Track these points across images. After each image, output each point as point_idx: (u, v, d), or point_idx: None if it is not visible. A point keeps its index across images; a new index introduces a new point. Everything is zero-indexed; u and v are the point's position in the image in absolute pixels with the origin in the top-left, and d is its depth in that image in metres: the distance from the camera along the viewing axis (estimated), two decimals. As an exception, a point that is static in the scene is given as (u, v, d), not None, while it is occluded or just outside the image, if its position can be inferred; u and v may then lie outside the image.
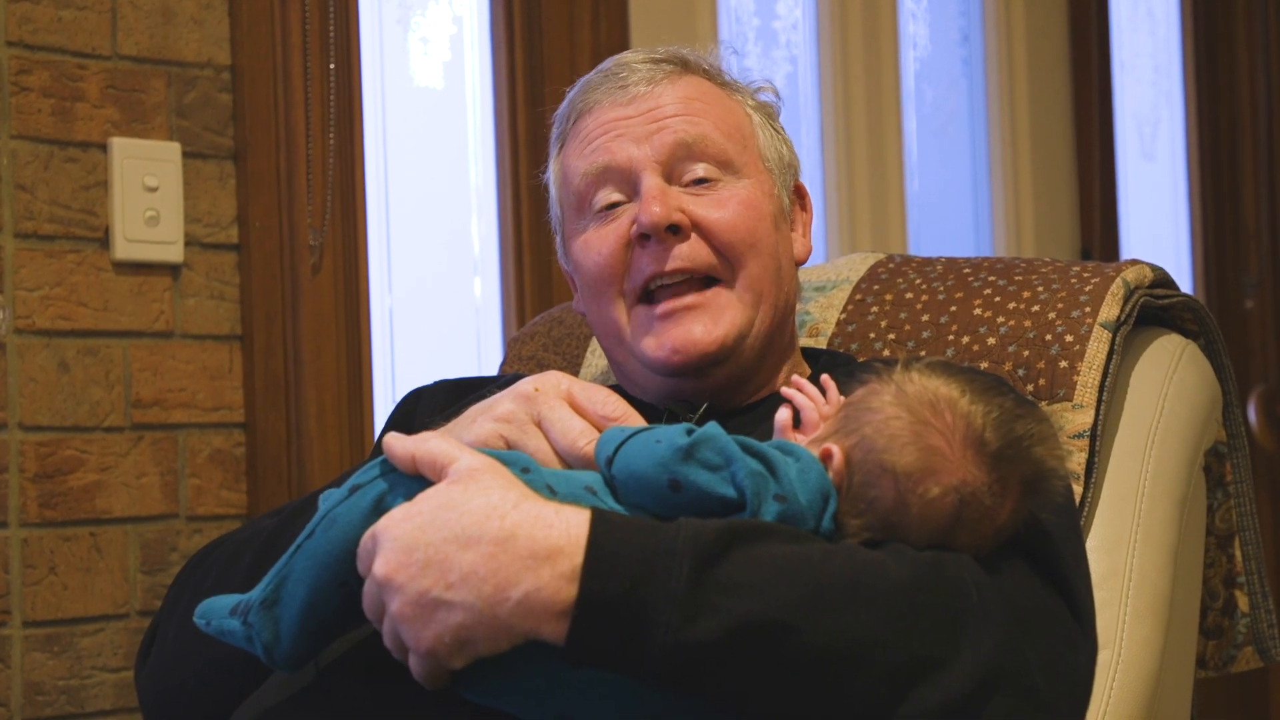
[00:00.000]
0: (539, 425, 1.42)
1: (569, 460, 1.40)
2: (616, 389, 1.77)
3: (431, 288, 2.76)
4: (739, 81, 1.76)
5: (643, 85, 1.69)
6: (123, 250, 2.25)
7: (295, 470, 2.37)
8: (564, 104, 1.76)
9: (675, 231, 1.64)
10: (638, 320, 1.66)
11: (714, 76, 1.74)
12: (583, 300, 1.73)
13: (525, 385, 1.45)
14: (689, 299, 1.64)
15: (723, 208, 1.66)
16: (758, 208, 1.68)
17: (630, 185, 1.67)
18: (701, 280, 1.65)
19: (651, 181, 1.65)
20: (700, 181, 1.67)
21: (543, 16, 2.73)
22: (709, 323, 1.64)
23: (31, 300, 2.18)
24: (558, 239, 1.78)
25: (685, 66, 1.72)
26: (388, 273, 2.67)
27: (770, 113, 1.77)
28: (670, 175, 1.66)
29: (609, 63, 1.74)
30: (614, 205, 1.67)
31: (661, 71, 1.70)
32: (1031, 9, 3.70)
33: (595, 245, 1.67)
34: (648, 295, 1.66)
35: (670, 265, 1.64)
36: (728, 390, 1.68)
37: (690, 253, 1.64)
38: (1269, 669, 3.26)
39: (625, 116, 1.68)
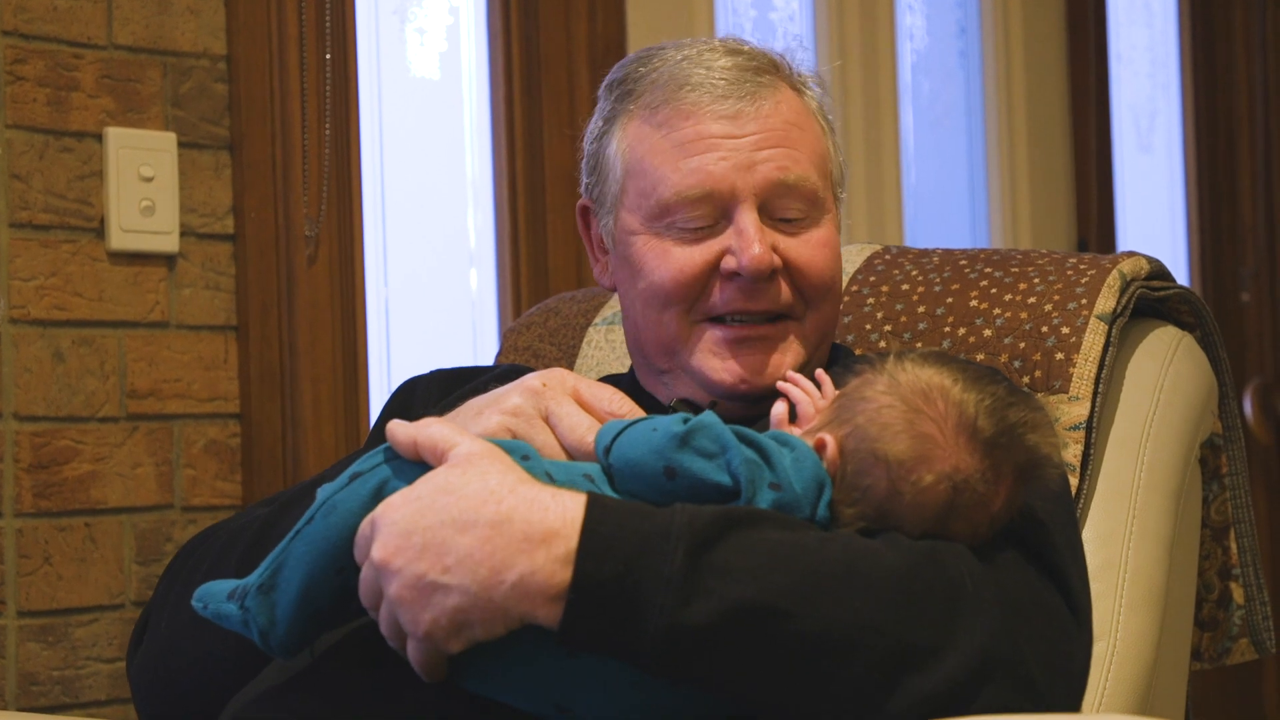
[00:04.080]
0: (546, 420, 1.42)
1: (574, 456, 1.40)
2: (618, 380, 1.77)
3: (427, 279, 2.75)
4: (810, 87, 1.72)
5: (746, 102, 1.64)
6: (118, 240, 2.24)
7: (290, 461, 2.37)
8: (638, 76, 1.69)
9: (769, 276, 1.63)
10: (701, 338, 1.64)
11: (799, 88, 1.70)
12: (630, 298, 1.69)
13: (533, 380, 1.44)
14: (762, 329, 1.63)
15: (810, 248, 1.64)
16: (837, 248, 1.67)
17: (722, 210, 1.63)
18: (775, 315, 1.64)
19: (750, 218, 1.61)
20: (790, 219, 1.65)
21: (539, 8, 2.73)
22: (779, 357, 1.63)
23: (26, 290, 2.18)
24: (600, 211, 1.72)
25: (776, 71, 1.68)
26: (383, 264, 2.67)
27: (829, 118, 1.74)
28: (763, 209, 1.63)
29: (701, 57, 1.67)
30: (699, 225, 1.63)
31: (759, 85, 1.66)
32: (1029, 2, 3.70)
33: (678, 262, 1.63)
34: (717, 319, 1.65)
35: (760, 306, 1.62)
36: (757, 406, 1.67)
37: (777, 294, 1.63)
38: (1263, 661, 3.27)
39: (729, 135, 1.63)
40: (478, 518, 1.26)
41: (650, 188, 1.65)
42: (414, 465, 1.35)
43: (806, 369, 1.64)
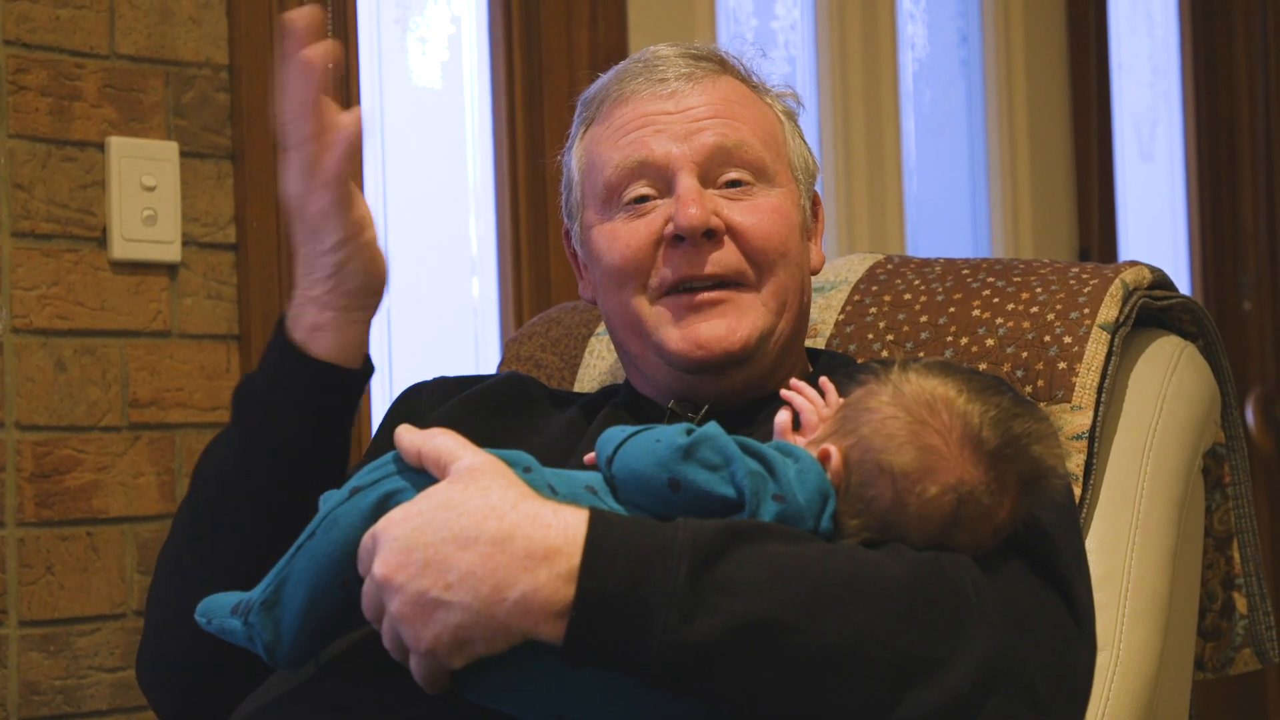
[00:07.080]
0: None
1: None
2: (617, 391, 1.77)
3: (429, 288, 2.76)
4: (768, 85, 1.76)
5: (683, 82, 1.67)
6: (120, 250, 2.24)
7: (292, 470, 2.37)
8: (594, 87, 1.75)
9: (710, 236, 1.63)
10: (660, 313, 1.65)
11: (748, 79, 1.73)
12: (598, 289, 1.71)
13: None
14: (715, 294, 1.64)
15: (757, 214, 1.65)
16: (788, 217, 1.68)
17: (664, 182, 1.65)
18: (728, 282, 1.65)
19: (688, 183, 1.63)
20: (734, 184, 1.66)
21: (541, 17, 2.73)
22: (734, 321, 1.63)
23: (29, 299, 2.18)
24: (572, 224, 1.76)
25: (723, 66, 1.71)
26: (385, 273, 2.67)
27: (795, 118, 1.76)
28: (705, 177, 1.65)
29: (645, 54, 1.72)
30: (644, 199, 1.66)
31: (701, 69, 1.69)
32: (1030, 10, 3.70)
33: (624, 238, 1.66)
34: (672, 291, 1.66)
35: (707, 270, 1.63)
36: (739, 392, 1.67)
37: (723, 258, 1.63)
38: (1267, 671, 3.27)
39: (665, 112, 1.66)
40: (479, 534, 1.26)
41: (597, 175, 1.69)
42: (420, 474, 1.34)
43: (774, 343, 1.65)
